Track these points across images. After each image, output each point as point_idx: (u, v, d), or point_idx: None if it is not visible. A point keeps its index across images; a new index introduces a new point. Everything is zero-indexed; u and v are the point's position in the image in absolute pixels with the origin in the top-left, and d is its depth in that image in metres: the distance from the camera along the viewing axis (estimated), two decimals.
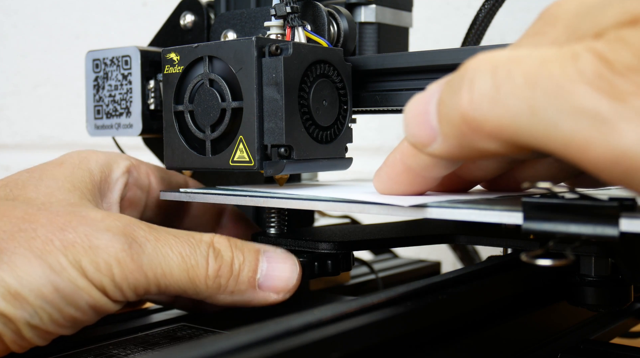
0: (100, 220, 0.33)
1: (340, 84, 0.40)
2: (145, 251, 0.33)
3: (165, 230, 0.34)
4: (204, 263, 0.34)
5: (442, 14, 0.88)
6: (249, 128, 0.36)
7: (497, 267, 0.35)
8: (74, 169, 0.37)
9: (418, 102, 0.28)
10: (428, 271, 0.61)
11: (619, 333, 0.46)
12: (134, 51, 0.44)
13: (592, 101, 0.22)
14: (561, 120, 0.22)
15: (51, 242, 0.32)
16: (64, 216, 0.33)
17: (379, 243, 0.42)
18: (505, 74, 0.24)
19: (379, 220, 0.47)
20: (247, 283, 0.35)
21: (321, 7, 0.42)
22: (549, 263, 0.27)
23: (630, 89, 0.21)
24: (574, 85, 0.22)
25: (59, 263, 0.31)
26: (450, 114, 0.25)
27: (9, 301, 0.31)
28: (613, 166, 0.22)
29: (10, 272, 0.31)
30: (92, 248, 0.32)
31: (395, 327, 0.28)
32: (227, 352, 0.21)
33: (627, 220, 0.24)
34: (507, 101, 0.23)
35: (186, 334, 0.39)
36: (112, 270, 0.32)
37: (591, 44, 0.23)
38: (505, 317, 0.36)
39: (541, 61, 0.23)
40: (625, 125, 0.21)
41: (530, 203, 0.27)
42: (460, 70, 0.26)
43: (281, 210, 0.41)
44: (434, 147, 0.27)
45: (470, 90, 0.24)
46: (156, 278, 0.33)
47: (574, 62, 0.22)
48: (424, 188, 0.32)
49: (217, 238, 0.35)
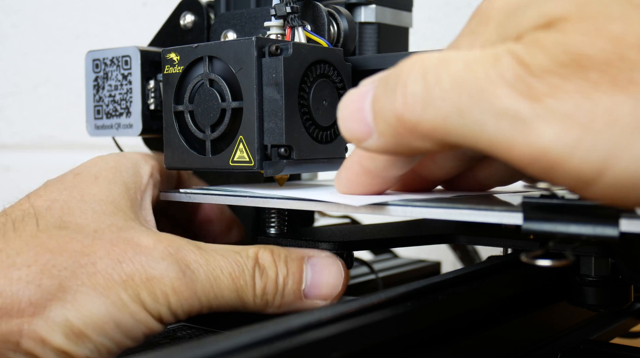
0: (153, 247, 0.33)
1: (340, 84, 0.40)
2: (199, 277, 0.33)
3: (213, 250, 0.35)
4: (251, 282, 0.34)
5: (442, 14, 0.88)
6: (249, 128, 0.36)
7: (497, 267, 0.35)
8: (110, 185, 0.37)
9: (353, 98, 0.29)
10: (428, 271, 0.60)
11: (619, 333, 0.46)
12: (134, 51, 0.44)
13: (511, 102, 0.23)
14: (486, 121, 0.23)
15: (111, 277, 0.32)
16: (118, 245, 0.33)
17: (379, 243, 0.42)
18: (434, 78, 0.25)
19: (379, 220, 0.47)
20: (293, 296, 0.35)
21: (321, 7, 0.42)
22: (549, 264, 0.27)
23: (546, 90, 0.22)
24: (495, 88, 0.23)
25: (120, 299, 0.32)
26: (386, 114, 0.27)
27: (73, 340, 0.31)
28: (534, 163, 0.23)
29: (75, 311, 0.31)
30: (149, 279, 0.32)
31: (396, 327, 0.28)
32: (227, 352, 0.21)
33: (627, 220, 0.24)
34: (437, 104, 0.25)
35: (186, 334, 0.39)
36: (168, 299, 0.33)
37: (511, 47, 0.24)
38: (505, 317, 0.36)
39: (466, 64, 0.24)
40: (541, 124, 0.22)
41: (530, 203, 0.27)
42: (395, 71, 0.27)
43: (281, 210, 0.41)
44: (369, 143, 0.28)
45: (403, 92, 0.26)
46: (208, 302, 0.34)
47: (495, 64, 0.23)
48: (382, 188, 0.33)
49: (262, 253, 0.35)
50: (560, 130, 0.22)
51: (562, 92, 0.22)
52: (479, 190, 0.37)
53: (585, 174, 0.22)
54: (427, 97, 0.25)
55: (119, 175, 0.38)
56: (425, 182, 0.36)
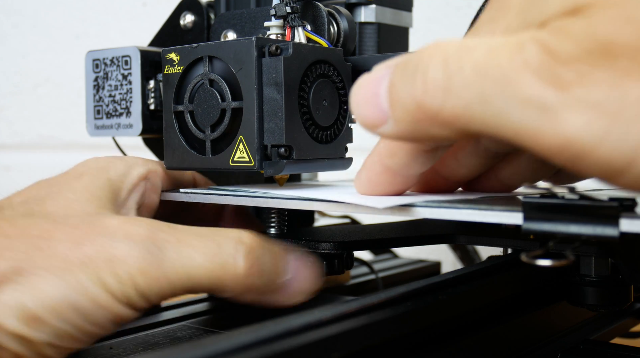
0: (118, 227, 0.32)
1: (340, 84, 0.40)
2: (167, 255, 0.31)
3: (187, 230, 0.33)
4: (232, 262, 0.32)
5: (442, 14, 0.88)
6: (249, 128, 0.36)
7: (497, 267, 0.35)
8: (92, 179, 0.36)
9: (367, 83, 0.28)
10: (428, 271, 0.61)
11: (619, 333, 0.46)
12: (134, 51, 0.44)
13: (537, 90, 0.22)
14: (510, 110, 0.23)
15: (69, 259, 0.30)
16: (81, 228, 0.32)
17: (379, 243, 0.42)
18: (456, 64, 0.24)
19: (379, 220, 0.47)
20: (277, 284, 0.34)
21: (321, 7, 0.42)
22: (549, 264, 0.27)
23: (573, 78, 0.22)
24: (520, 75, 0.23)
25: (77, 281, 0.30)
26: (404, 100, 0.26)
27: (29, 324, 0.30)
28: (561, 152, 0.23)
29: (29, 294, 0.30)
30: (111, 260, 0.31)
31: (396, 327, 0.28)
32: (227, 352, 0.21)
33: (627, 220, 0.24)
34: (459, 91, 0.24)
35: (186, 334, 0.39)
36: (134, 280, 0.31)
37: (536, 34, 0.23)
38: (505, 317, 0.36)
39: (489, 51, 0.24)
40: (569, 113, 0.22)
41: (530, 203, 0.27)
42: (414, 57, 0.26)
43: (281, 210, 0.41)
44: (384, 129, 0.27)
45: (424, 79, 0.25)
46: (180, 281, 0.32)
47: (520, 52, 0.23)
48: (404, 188, 0.33)
49: (245, 235, 0.33)
50: (588, 119, 0.22)
51: (591, 81, 0.22)
52: (503, 191, 0.36)
53: (615, 164, 0.22)
54: (448, 84, 0.24)
55: (104, 173, 0.37)
56: (446, 182, 0.36)
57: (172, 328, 0.40)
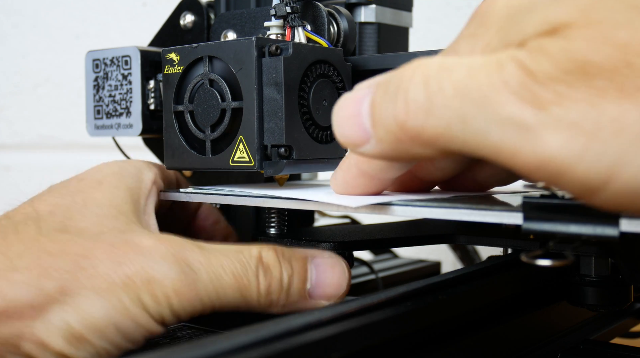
0: (154, 248, 0.33)
1: (340, 84, 0.40)
2: (201, 277, 0.33)
3: (215, 250, 0.34)
4: (255, 281, 0.34)
5: (442, 14, 0.88)
6: (249, 128, 0.36)
7: (497, 267, 0.35)
8: (113, 190, 0.37)
9: (349, 102, 0.28)
10: (428, 271, 0.61)
11: (619, 333, 0.46)
12: (134, 51, 0.44)
13: (516, 110, 0.23)
14: (490, 129, 0.23)
15: (112, 279, 0.32)
16: (119, 248, 0.33)
17: (379, 243, 0.42)
18: (436, 85, 0.25)
19: (379, 220, 0.47)
20: (298, 295, 0.35)
21: (321, 7, 0.42)
22: (549, 264, 0.27)
23: (551, 97, 0.22)
24: (499, 95, 0.23)
25: (120, 301, 0.31)
26: (386, 120, 0.26)
27: (73, 344, 0.31)
28: (539, 170, 0.23)
29: (75, 315, 0.31)
30: (150, 281, 0.32)
31: (396, 327, 0.28)
32: (227, 352, 0.21)
33: (627, 220, 0.24)
34: (440, 111, 0.24)
35: (186, 334, 0.39)
36: (170, 300, 0.32)
37: (515, 53, 0.23)
38: (505, 317, 0.36)
39: (469, 71, 0.24)
40: (547, 132, 0.22)
41: (530, 203, 0.27)
42: (395, 76, 0.26)
43: (281, 210, 0.41)
44: (366, 148, 0.28)
45: (405, 99, 0.25)
46: (211, 302, 0.33)
47: (499, 71, 0.23)
48: (379, 189, 0.33)
49: (265, 252, 0.34)
50: (566, 138, 0.22)
51: (568, 100, 0.22)
52: (478, 191, 0.37)
53: (592, 182, 0.22)
54: (429, 104, 0.25)
55: (123, 181, 0.38)
56: (422, 183, 0.36)
57: (172, 328, 0.40)
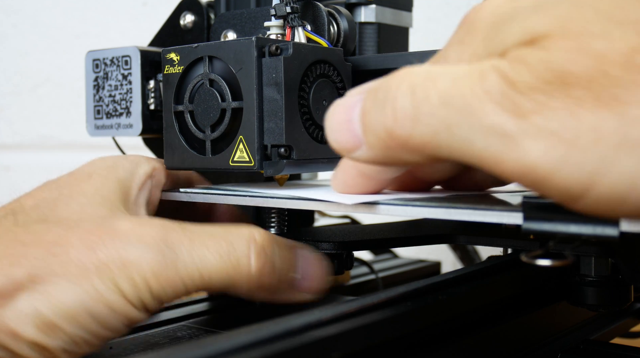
0: (131, 230, 0.32)
1: (340, 84, 0.40)
2: (181, 257, 0.32)
3: (199, 229, 0.33)
4: (244, 261, 0.32)
5: (442, 14, 0.88)
6: (249, 128, 0.36)
7: (497, 267, 0.35)
8: (102, 180, 0.36)
9: (341, 109, 0.28)
10: (428, 271, 0.61)
11: (619, 333, 0.46)
12: (134, 51, 0.44)
13: (498, 119, 0.23)
14: (474, 137, 0.24)
15: (84, 265, 0.31)
16: (95, 233, 0.32)
17: (379, 243, 0.42)
18: (422, 93, 0.25)
19: (379, 220, 0.47)
20: (287, 283, 0.34)
21: (321, 7, 0.42)
22: (549, 264, 0.27)
23: (532, 107, 0.23)
24: (481, 104, 0.23)
25: (93, 287, 0.30)
26: (376, 127, 0.27)
27: (45, 332, 0.30)
28: (522, 177, 0.23)
29: (45, 302, 0.30)
30: (125, 264, 0.31)
31: (395, 327, 0.28)
32: (227, 352, 0.21)
33: (627, 220, 0.24)
34: (426, 119, 0.25)
35: (186, 334, 0.39)
36: (149, 283, 0.31)
37: (496, 63, 0.24)
38: (505, 317, 0.36)
39: (453, 80, 0.24)
40: (528, 141, 0.23)
41: (530, 203, 0.27)
42: (384, 84, 0.27)
43: (281, 210, 0.41)
44: (358, 154, 0.28)
45: (393, 107, 0.26)
46: (194, 282, 0.32)
47: (481, 81, 0.24)
48: (378, 189, 0.33)
49: (257, 233, 0.33)
50: (546, 147, 0.22)
51: (548, 109, 0.22)
52: (476, 190, 0.37)
53: (573, 189, 0.22)
54: (416, 112, 0.25)
55: (114, 173, 0.37)
56: (422, 183, 0.36)
57: (172, 328, 0.40)
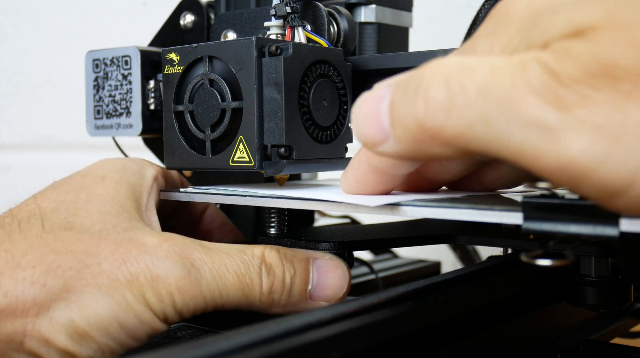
0: (158, 246, 0.33)
1: (340, 84, 0.40)
2: (204, 276, 0.33)
3: (218, 249, 0.35)
4: (257, 280, 0.34)
5: (442, 14, 0.88)
6: (249, 128, 0.36)
7: (497, 267, 0.35)
8: (116, 186, 0.37)
9: (368, 101, 0.28)
10: (428, 271, 0.61)
11: (619, 333, 0.46)
12: (134, 51, 0.44)
13: (539, 112, 0.22)
14: (512, 130, 0.23)
15: (116, 277, 0.32)
16: (123, 245, 0.33)
17: (379, 243, 0.42)
18: (458, 85, 0.24)
19: (379, 220, 0.47)
20: (299, 296, 0.35)
21: (321, 7, 0.42)
22: (549, 264, 0.27)
23: (575, 99, 0.22)
24: (522, 96, 0.23)
25: (124, 299, 0.32)
26: (406, 120, 0.26)
27: (77, 341, 0.31)
28: (561, 173, 0.23)
29: (79, 311, 0.31)
30: (154, 279, 0.32)
31: (395, 327, 0.28)
32: (227, 352, 0.21)
33: (627, 220, 0.24)
34: (461, 111, 0.24)
35: (186, 334, 0.39)
36: (173, 298, 0.32)
37: (539, 55, 0.23)
38: (505, 317, 0.36)
39: (491, 71, 0.24)
40: (570, 135, 0.22)
41: (530, 203, 0.27)
42: (415, 76, 0.26)
43: (281, 210, 0.41)
44: (384, 147, 0.28)
45: (425, 99, 0.25)
46: (214, 300, 0.34)
47: (523, 72, 0.23)
48: (390, 187, 0.33)
49: (268, 252, 0.35)
50: (589, 141, 0.22)
51: (593, 103, 0.22)
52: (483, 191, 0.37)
53: (614, 186, 0.22)
54: (450, 104, 0.24)
55: (125, 177, 0.38)
56: (429, 183, 0.36)
57: (172, 328, 0.40)
